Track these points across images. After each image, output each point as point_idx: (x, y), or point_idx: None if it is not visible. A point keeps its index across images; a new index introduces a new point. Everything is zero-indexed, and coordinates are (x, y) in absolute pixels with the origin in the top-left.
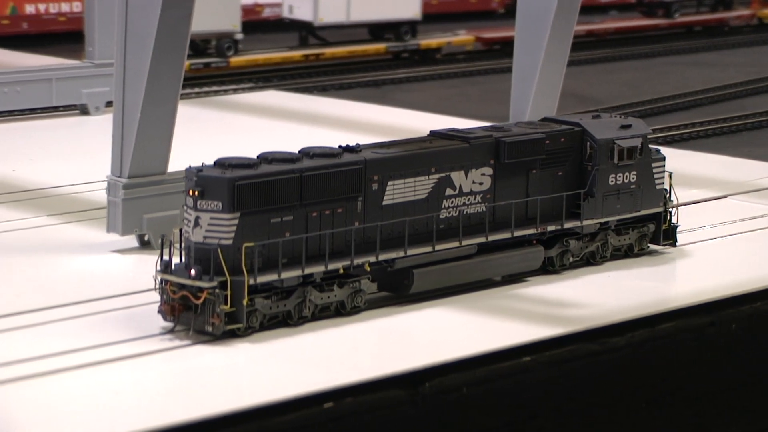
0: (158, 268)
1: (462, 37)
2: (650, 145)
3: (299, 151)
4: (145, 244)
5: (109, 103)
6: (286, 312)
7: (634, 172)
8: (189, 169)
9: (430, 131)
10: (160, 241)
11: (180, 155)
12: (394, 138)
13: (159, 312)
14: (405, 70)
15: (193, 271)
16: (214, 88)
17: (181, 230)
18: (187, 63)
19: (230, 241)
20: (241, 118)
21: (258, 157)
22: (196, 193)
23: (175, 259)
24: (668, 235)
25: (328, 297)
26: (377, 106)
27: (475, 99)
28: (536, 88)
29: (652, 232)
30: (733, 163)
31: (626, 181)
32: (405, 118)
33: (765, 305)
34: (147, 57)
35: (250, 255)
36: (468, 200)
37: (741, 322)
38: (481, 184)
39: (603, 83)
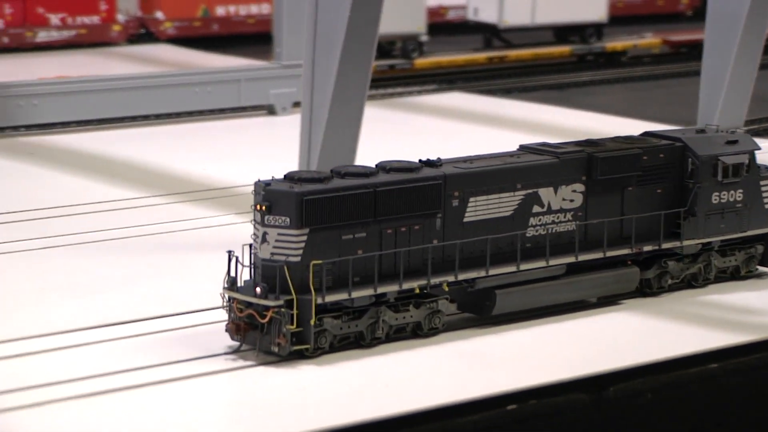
0: (225, 284)
1: (648, 39)
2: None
3: (376, 165)
4: None
5: (296, 104)
6: (358, 333)
7: (741, 190)
8: (257, 183)
9: (520, 145)
10: (227, 258)
11: (365, 155)
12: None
13: (226, 330)
14: (589, 73)
15: (258, 289)
16: (399, 89)
17: (250, 246)
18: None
19: (298, 258)
20: (425, 119)
21: (331, 171)
22: (264, 207)
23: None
24: None
25: (404, 317)
26: (561, 109)
27: (661, 102)
28: (726, 92)
29: (761, 253)
30: None
31: (731, 199)
32: (589, 121)
33: None
34: (335, 58)
35: (318, 273)
36: (557, 218)
37: None
38: (571, 201)
39: None
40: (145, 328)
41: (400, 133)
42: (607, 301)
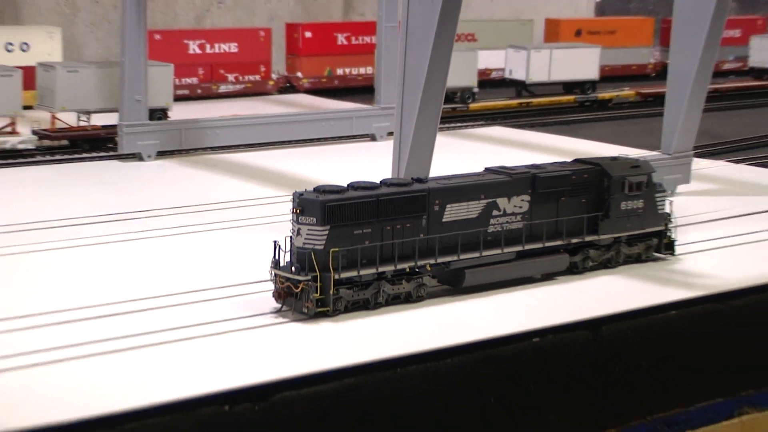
0: (271, 264)
1: (626, 91)
2: (655, 180)
3: (380, 182)
4: None
5: (389, 133)
6: (365, 299)
7: (641, 200)
8: (294, 193)
9: (485, 168)
10: (273, 245)
11: (437, 169)
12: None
13: (273, 296)
14: (587, 114)
15: (293, 268)
16: (458, 124)
17: (290, 238)
18: None
19: (322, 247)
20: (475, 144)
21: (348, 185)
22: (298, 210)
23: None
24: (668, 247)
25: (398, 289)
26: (569, 138)
27: (636, 134)
28: (680, 128)
29: (656, 244)
30: None
31: (635, 206)
32: (587, 146)
33: None
34: (417, 101)
35: (336, 257)
36: (510, 219)
37: None
38: (520, 207)
39: (727, 124)
40: (226, 293)
41: (458, 153)
42: (545, 277)
